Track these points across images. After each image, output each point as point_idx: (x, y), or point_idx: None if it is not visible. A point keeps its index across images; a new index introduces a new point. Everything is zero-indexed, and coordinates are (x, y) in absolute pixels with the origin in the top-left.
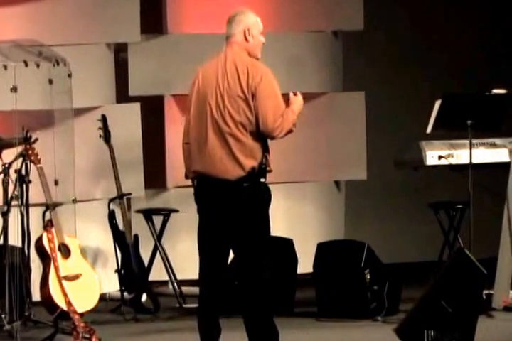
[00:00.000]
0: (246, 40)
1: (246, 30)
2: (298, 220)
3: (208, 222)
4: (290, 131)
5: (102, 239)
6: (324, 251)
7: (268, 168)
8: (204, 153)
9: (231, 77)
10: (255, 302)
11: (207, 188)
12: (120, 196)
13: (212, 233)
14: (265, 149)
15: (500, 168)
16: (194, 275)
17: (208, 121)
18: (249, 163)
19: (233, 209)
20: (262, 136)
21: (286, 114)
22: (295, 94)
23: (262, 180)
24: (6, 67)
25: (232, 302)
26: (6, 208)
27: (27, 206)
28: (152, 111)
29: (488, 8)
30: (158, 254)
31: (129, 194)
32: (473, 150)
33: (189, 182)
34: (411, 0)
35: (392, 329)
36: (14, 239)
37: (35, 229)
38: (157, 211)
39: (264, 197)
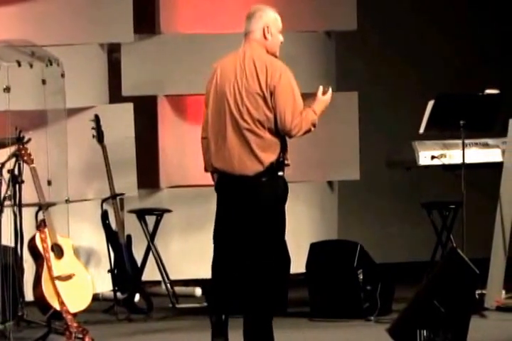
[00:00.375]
0: (265, 37)
1: (265, 27)
2: (291, 220)
3: (225, 216)
4: (309, 131)
5: (95, 239)
6: (317, 251)
7: (286, 162)
8: (223, 149)
9: (250, 74)
10: (258, 298)
11: (226, 183)
12: (113, 196)
13: (228, 227)
14: (283, 143)
15: (493, 168)
16: (187, 275)
17: (226, 117)
18: (268, 158)
19: (250, 203)
20: (279, 132)
21: (306, 113)
22: (325, 92)
23: (280, 173)
24: None
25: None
26: None
27: (20, 206)
28: (145, 111)
29: (481, 9)
30: (151, 254)
31: (122, 194)
32: (466, 151)
33: (182, 182)
34: (404, 0)
35: (384, 329)
36: (7, 239)
37: (28, 229)
38: (150, 211)
39: (281, 191)
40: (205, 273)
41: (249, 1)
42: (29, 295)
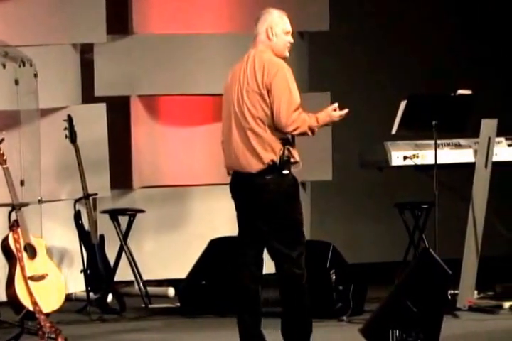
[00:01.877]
0: (269, 38)
1: (269, 28)
2: None
3: (241, 215)
4: (305, 133)
5: (68, 239)
6: None
7: (293, 160)
8: (230, 148)
9: (250, 73)
10: (289, 296)
11: (237, 182)
12: (86, 196)
13: (246, 225)
14: (286, 142)
15: (465, 168)
16: (160, 275)
17: (231, 117)
18: (268, 157)
19: (258, 201)
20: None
21: (308, 115)
22: (340, 109)
23: (285, 172)
24: None
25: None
26: None
27: None
28: (118, 111)
29: (455, 11)
30: (123, 254)
31: (95, 194)
32: (438, 151)
33: (155, 182)
34: (377, 1)
35: (357, 329)
36: None
37: (1, 230)
38: (123, 211)
39: (287, 189)
40: (178, 273)
41: (222, 2)
42: (2, 296)
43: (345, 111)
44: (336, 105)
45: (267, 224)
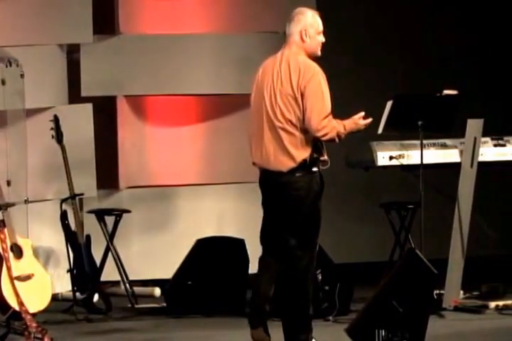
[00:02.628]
0: (302, 40)
1: (303, 30)
2: (249, 221)
3: (267, 210)
4: (333, 140)
5: (54, 239)
6: None
7: (322, 158)
8: (261, 146)
9: (284, 75)
10: (291, 291)
11: (265, 179)
12: (72, 196)
13: (270, 221)
14: (317, 140)
15: (451, 168)
16: (146, 275)
17: (263, 116)
18: (301, 155)
19: (286, 198)
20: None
21: (337, 122)
22: (365, 117)
23: (314, 169)
24: None
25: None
26: None
27: None
28: (104, 111)
29: (441, 10)
30: (110, 255)
31: (81, 194)
32: (424, 151)
33: (141, 182)
34: (360, 0)
35: (343, 329)
36: None
37: None
38: (109, 211)
39: (316, 186)
40: (164, 273)
41: (209, 2)
42: None
43: (370, 120)
44: (362, 114)
45: (288, 220)
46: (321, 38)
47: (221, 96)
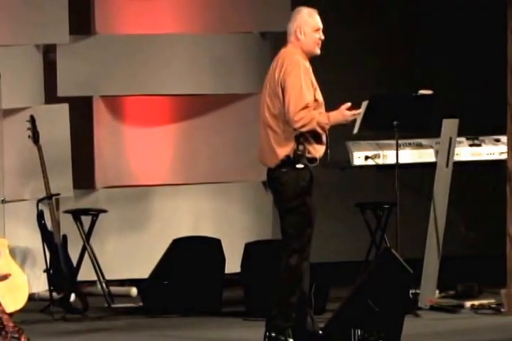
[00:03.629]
0: (297, 38)
1: (297, 28)
2: (226, 220)
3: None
4: (314, 131)
5: (31, 239)
6: (252, 251)
7: (309, 156)
8: (260, 144)
9: (272, 72)
10: (278, 284)
11: (267, 175)
12: (49, 196)
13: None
14: (302, 138)
15: (427, 168)
16: (122, 275)
17: (260, 115)
18: (283, 152)
19: (276, 193)
20: None
21: (318, 113)
22: (350, 108)
23: (299, 166)
24: None
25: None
26: None
27: None
28: (81, 111)
29: (417, 9)
30: (86, 254)
31: (58, 194)
32: (399, 151)
33: (118, 182)
34: (337, 1)
35: (319, 328)
36: None
37: None
38: (86, 211)
39: (301, 182)
40: (141, 273)
41: (182, 3)
42: None
43: (359, 111)
44: (349, 104)
45: (280, 214)
46: (319, 35)
47: (197, 97)
